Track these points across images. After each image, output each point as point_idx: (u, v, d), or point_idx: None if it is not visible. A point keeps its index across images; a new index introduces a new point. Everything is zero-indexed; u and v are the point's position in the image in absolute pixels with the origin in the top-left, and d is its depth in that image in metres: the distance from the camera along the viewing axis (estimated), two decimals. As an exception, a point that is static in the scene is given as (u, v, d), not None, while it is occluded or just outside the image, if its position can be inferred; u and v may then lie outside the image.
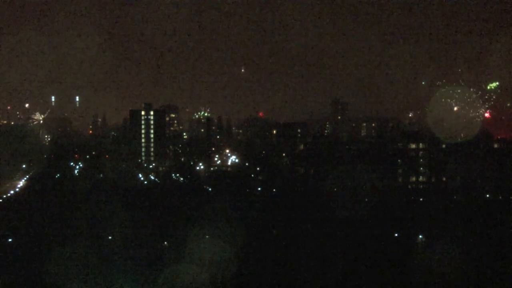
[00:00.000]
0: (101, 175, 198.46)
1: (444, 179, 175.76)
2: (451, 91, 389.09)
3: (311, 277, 75.39)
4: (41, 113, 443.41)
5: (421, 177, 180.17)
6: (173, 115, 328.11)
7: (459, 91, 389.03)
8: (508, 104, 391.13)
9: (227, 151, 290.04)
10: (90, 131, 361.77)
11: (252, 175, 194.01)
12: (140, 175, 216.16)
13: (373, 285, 74.35)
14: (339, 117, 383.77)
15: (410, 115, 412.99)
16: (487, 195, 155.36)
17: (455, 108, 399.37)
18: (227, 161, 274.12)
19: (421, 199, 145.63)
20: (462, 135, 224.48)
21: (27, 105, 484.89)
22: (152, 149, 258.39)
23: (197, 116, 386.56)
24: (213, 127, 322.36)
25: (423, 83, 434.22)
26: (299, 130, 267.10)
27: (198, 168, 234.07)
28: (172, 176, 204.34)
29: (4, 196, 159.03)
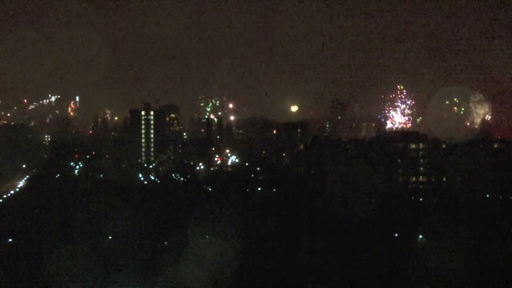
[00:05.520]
0: (101, 175, 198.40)
1: (444, 179, 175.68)
2: (451, 91, 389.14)
3: (311, 277, 75.38)
4: (41, 113, 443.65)
5: (421, 177, 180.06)
6: (173, 115, 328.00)
7: (459, 91, 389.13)
8: (508, 104, 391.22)
9: (227, 151, 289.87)
10: (90, 131, 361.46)
11: (252, 175, 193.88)
12: (140, 175, 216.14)
13: (373, 285, 74.36)
14: (339, 117, 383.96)
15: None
16: (487, 195, 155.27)
17: (455, 108, 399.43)
18: (227, 161, 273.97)
19: (421, 199, 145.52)
20: (462, 135, 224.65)
21: (25, 102, 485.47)
22: (152, 149, 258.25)
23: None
24: (213, 127, 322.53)
25: (423, 83, 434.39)
26: (299, 130, 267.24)
27: (198, 168, 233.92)
28: (172, 176, 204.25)
29: (4, 196, 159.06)
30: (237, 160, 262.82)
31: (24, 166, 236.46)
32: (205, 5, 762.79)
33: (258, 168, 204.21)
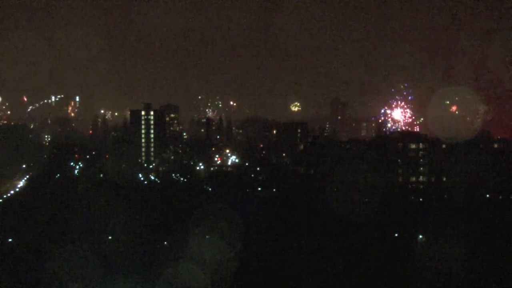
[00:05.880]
0: (101, 175, 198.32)
1: (444, 179, 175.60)
2: (451, 91, 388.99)
3: (311, 277, 75.39)
4: (41, 113, 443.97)
5: (421, 177, 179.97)
6: (173, 115, 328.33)
7: (458, 91, 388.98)
8: (508, 104, 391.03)
9: (227, 151, 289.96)
10: (90, 131, 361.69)
11: (252, 175, 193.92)
12: (140, 175, 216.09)
13: (373, 285, 74.37)
14: (339, 117, 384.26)
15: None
16: (487, 195, 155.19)
17: (455, 108, 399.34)
18: (227, 161, 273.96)
19: (421, 199, 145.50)
20: (462, 135, 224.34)
21: (25, 101, 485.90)
22: (152, 149, 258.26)
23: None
24: (213, 127, 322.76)
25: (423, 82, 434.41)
26: (299, 130, 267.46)
27: (198, 168, 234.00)
28: (172, 176, 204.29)
29: (4, 196, 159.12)
30: (237, 160, 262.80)
31: (24, 166, 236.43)
32: (205, 5, 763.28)
33: (258, 168, 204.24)
